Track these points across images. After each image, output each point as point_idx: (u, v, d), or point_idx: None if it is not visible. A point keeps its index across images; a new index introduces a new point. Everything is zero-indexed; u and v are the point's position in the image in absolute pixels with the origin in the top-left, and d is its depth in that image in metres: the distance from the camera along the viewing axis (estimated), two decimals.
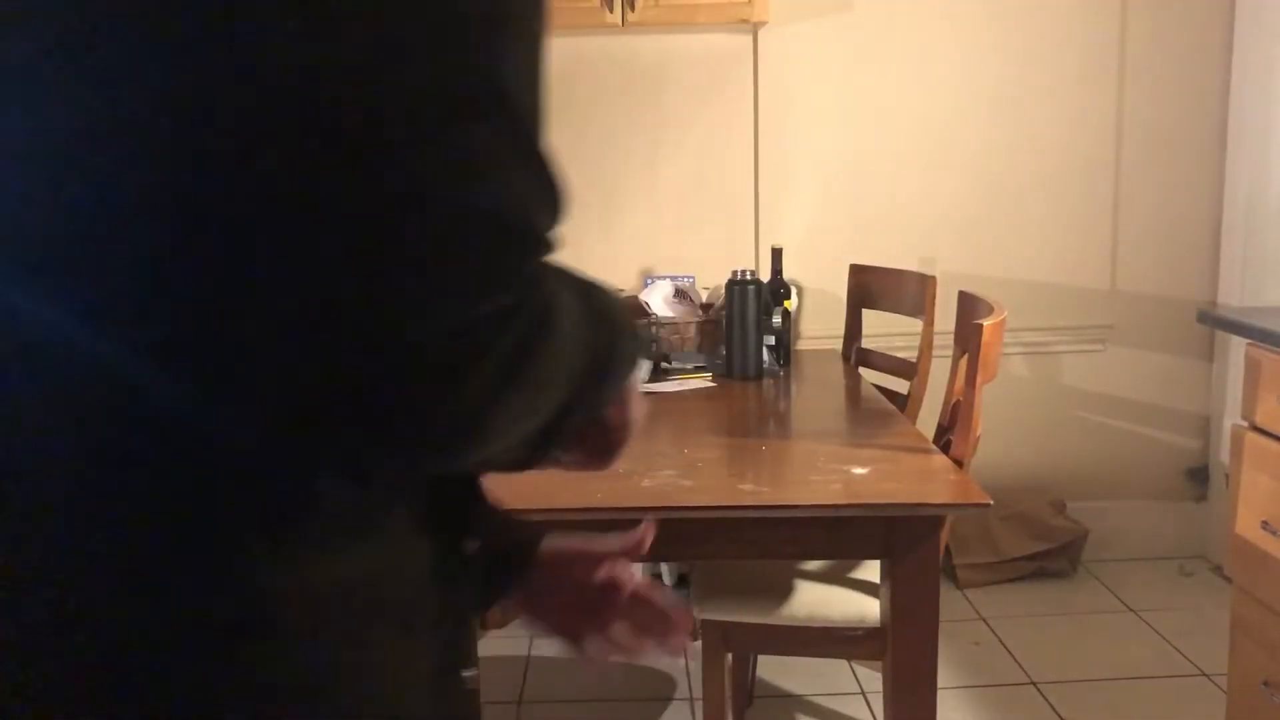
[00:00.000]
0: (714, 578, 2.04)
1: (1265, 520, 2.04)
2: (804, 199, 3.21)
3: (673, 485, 1.70)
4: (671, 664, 2.76)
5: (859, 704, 2.55)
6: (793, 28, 3.13)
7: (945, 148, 3.19)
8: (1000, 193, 3.20)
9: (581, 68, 3.14)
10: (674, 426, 2.12)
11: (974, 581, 3.17)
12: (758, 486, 1.76)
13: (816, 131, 3.18)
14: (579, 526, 1.67)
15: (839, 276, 2.96)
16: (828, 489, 1.68)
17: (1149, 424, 3.30)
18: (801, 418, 2.31)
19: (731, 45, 3.15)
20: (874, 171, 3.20)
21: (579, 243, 3.19)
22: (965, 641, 2.84)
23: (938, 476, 1.74)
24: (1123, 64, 3.14)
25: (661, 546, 1.83)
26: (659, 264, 3.20)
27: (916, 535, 1.65)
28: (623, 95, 3.16)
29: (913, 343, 2.58)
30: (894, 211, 3.20)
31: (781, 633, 1.96)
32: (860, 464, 1.79)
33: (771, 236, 3.17)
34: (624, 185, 3.19)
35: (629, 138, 3.18)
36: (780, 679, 2.66)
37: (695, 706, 2.53)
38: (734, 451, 1.97)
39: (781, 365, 2.68)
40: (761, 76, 3.15)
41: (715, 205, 3.20)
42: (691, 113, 3.17)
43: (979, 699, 2.54)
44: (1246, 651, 2.13)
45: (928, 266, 3.15)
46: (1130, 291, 3.24)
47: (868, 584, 2.00)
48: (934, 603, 1.68)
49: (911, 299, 2.60)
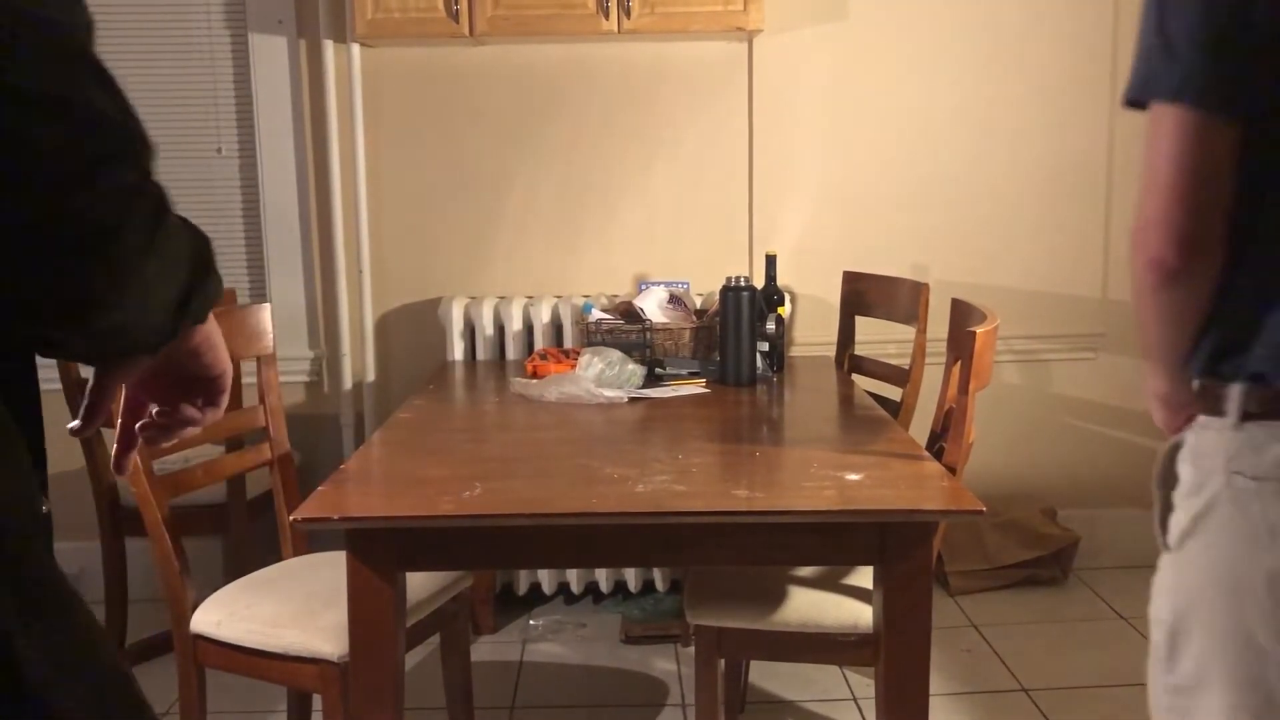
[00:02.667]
0: (707, 583, 2.04)
1: None
2: (798, 206, 3.22)
3: (666, 490, 1.70)
4: (664, 670, 2.76)
5: (851, 710, 2.55)
6: (787, 36, 3.15)
7: (939, 155, 3.20)
8: (993, 201, 3.22)
9: (577, 74, 3.15)
10: (668, 432, 2.13)
11: (966, 588, 3.18)
12: (751, 492, 1.77)
13: (810, 139, 3.20)
14: (574, 532, 1.68)
15: (832, 283, 2.98)
16: (821, 495, 1.69)
17: (1141, 432, 3.31)
18: (795, 424, 2.32)
19: (726, 53, 3.16)
20: (868, 179, 3.21)
21: (575, 248, 3.20)
22: (957, 648, 2.85)
23: (930, 483, 1.75)
24: (1115, 73, 3.16)
25: (655, 552, 1.84)
26: (653, 270, 3.21)
27: (909, 541, 1.66)
28: (618, 102, 3.17)
29: (905, 350, 2.59)
30: (887, 219, 3.22)
31: (774, 638, 1.97)
32: (853, 470, 1.80)
33: (765, 243, 3.18)
34: (619, 191, 3.20)
35: (624, 144, 3.19)
36: (772, 685, 2.66)
37: (688, 712, 2.53)
38: (727, 457, 1.98)
39: (775, 371, 2.68)
40: (756, 84, 3.17)
41: (710, 212, 3.22)
42: (686, 120, 3.18)
43: (970, 705, 2.55)
44: None
45: (921, 274, 3.16)
46: (1122, 300, 3.26)
47: (860, 590, 2.01)
48: (926, 609, 1.68)
49: (904, 306, 2.61)
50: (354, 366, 3.22)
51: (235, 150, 3.19)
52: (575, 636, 2.97)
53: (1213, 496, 1.10)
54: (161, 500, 1.95)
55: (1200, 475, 1.12)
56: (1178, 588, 1.16)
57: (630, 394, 2.40)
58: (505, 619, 3.07)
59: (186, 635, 1.97)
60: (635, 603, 3.11)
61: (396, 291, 3.24)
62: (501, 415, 2.34)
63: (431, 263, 3.21)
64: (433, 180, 3.19)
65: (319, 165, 3.16)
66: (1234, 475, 1.07)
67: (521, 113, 3.17)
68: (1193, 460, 1.14)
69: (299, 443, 3.13)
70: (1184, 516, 1.14)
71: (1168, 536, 1.17)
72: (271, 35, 3.12)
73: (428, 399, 2.47)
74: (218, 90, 3.15)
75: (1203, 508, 1.11)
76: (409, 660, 2.10)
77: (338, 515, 1.61)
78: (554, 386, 2.38)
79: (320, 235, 3.19)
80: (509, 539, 1.69)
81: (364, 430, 3.21)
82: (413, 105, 3.16)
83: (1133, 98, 1.11)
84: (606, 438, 2.10)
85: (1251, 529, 1.07)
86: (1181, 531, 1.14)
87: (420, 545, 1.69)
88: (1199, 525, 1.12)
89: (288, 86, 3.13)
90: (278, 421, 2.27)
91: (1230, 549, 1.09)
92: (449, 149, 3.18)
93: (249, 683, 2.06)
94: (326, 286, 3.20)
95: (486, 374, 2.82)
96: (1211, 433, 1.11)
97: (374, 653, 1.69)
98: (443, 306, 3.05)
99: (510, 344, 3.02)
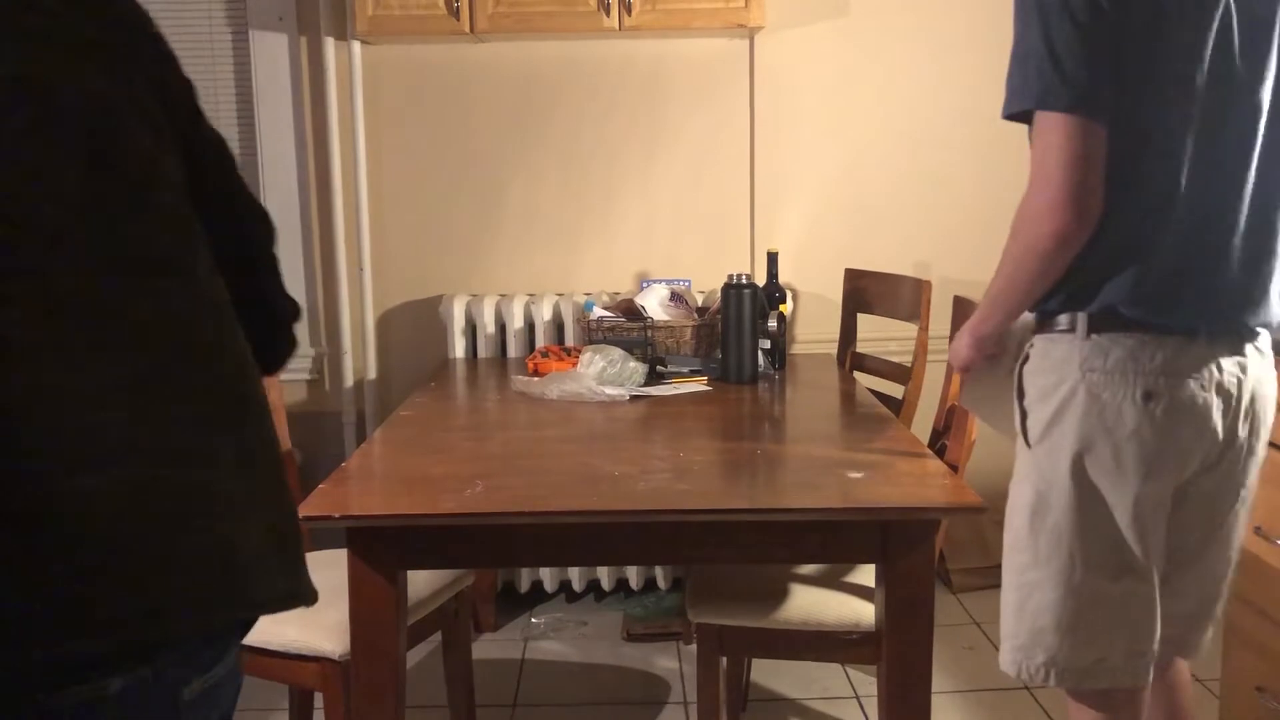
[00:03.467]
0: (709, 581, 2.04)
1: (1259, 526, 2.04)
2: (799, 203, 3.21)
3: (668, 489, 1.70)
4: (666, 668, 2.76)
5: (853, 708, 2.55)
6: (789, 33, 3.14)
7: (941, 152, 3.19)
8: (996, 198, 3.20)
9: (578, 72, 3.14)
10: (669, 430, 2.12)
11: (968, 586, 3.17)
12: (753, 490, 1.76)
13: (812, 136, 3.19)
14: (575, 531, 1.68)
15: (834, 281, 2.97)
16: (822, 493, 1.69)
17: None
18: (796, 422, 2.32)
19: (728, 50, 3.15)
20: (870, 176, 3.20)
21: (576, 246, 3.19)
22: (959, 645, 2.85)
23: (932, 481, 1.74)
24: None
25: (656, 550, 1.84)
26: (655, 268, 3.21)
27: (911, 539, 1.66)
28: (619, 99, 3.16)
29: (908, 347, 2.59)
30: (889, 216, 3.21)
31: (776, 636, 1.96)
32: (855, 468, 1.79)
33: (767, 241, 3.17)
34: (620, 189, 3.20)
35: (625, 142, 3.18)
36: (774, 683, 2.66)
37: (690, 710, 2.53)
38: (729, 455, 1.98)
39: (776, 369, 2.68)
40: (758, 81, 3.16)
41: (711, 209, 3.21)
42: (688, 117, 3.18)
43: (973, 703, 2.54)
44: (1240, 657, 2.13)
45: (923, 271, 3.16)
46: None
47: (862, 588, 2.00)
48: (928, 607, 1.68)
49: (907, 303, 2.61)
50: (355, 364, 3.21)
51: (236, 147, 3.19)
52: (577, 634, 2.97)
53: (1070, 390, 1.45)
54: None
55: (1056, 378, 1.47)
56: (1041, 471, 1.48)
57: (632, 392, 2.40)
58: (507, 617, 3.07)
59: None
60: (637, 600, 3.11)
61: (398, 289, 3.23)
62: (503, 413, 2.34)
63: (433, 260, 3.21)
64: (433, 177, 3.19)
65: (319, 162, 3.16)
66: (1088, 372, 1.44)
67: (522, 110, 3.16)
68: (1044, 370, 1.48)
69: (300, 441, 3.13)
70: (1046, 411, 1.47)
71: (1029, 436, 1.50)
72: (272, 32, 3.11)
73: (429, 397, 2.47)
74: (218, 87, 3.15)
75: (1062, 401, 1.46)
76: (411, 658, 2.10)
77: (338, 514, 1.61)
78: (555, 384, 2.38)
79: (321, 233, 3.19)
80: (510, 537, 1.69)
81: (365, 428, 3.21)
82: (413, 103, 3.16)
83: (1026, 108, 1.40)
84: (608, 436, 2.10)
85: (1101, 409, 1.43)
86: (1044, 424, 1.48)
87: (421, 544, 1.68)
88: (1061, 414, 1.46)
89: (288, 83, 3.13)
90: (279, 419, 2.26)
91: (1086, 425, 1.44)
92: (450, 146, 3.18)
93: (250, 680, 2.05)
94: (328, 284, 3.19)
95: (488, 372, 2.81)
96: (1063, 345, 1.46)
97: (375, 651, 1.69)
98: (444, 304, 3.05)
99: (511, 342, 3.02)
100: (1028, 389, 1.51)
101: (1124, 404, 1.42)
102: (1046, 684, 1.52)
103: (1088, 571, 1.46)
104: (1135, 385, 1.42)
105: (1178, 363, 1.42)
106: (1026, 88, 1.39)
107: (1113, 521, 1.45)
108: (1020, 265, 1.44)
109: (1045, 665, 1.50)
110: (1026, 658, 1.51)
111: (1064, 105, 1.36)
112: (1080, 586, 1.47)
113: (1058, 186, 1.37)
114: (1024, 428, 1.51)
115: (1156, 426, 1.42)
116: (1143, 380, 1.41)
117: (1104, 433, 1.43)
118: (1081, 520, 1.46)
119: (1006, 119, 1.45)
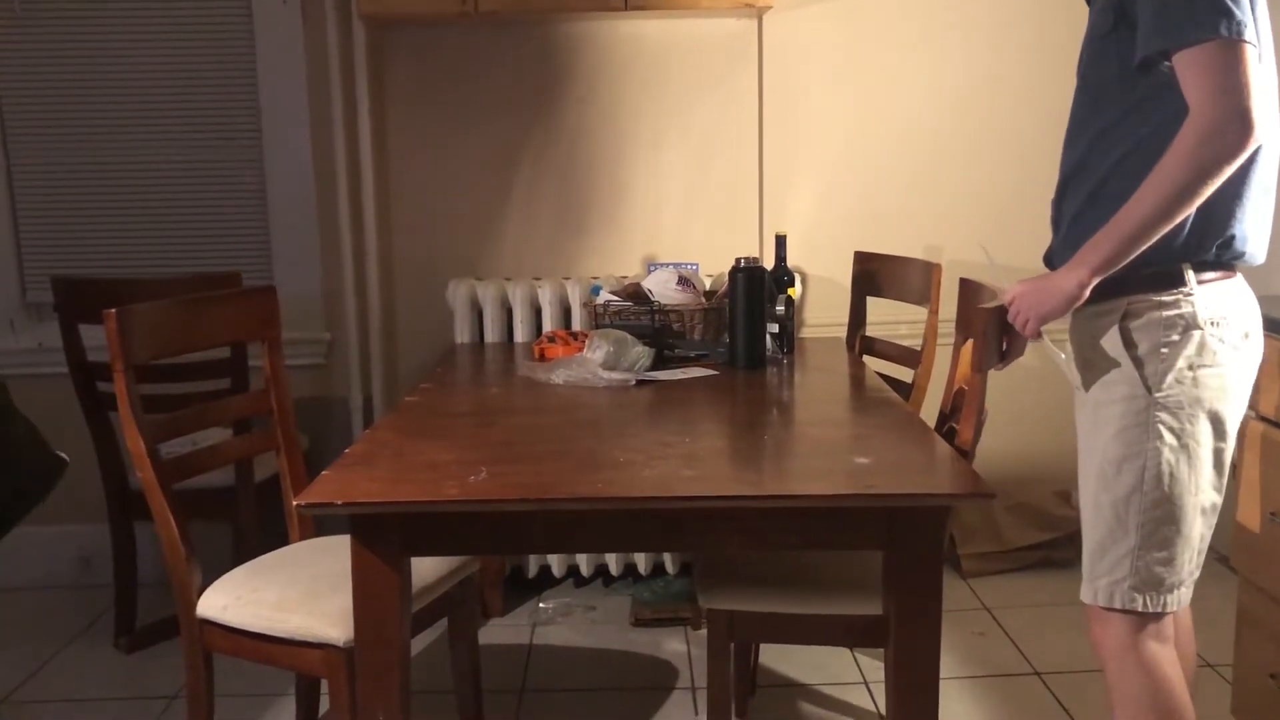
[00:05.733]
0: (718, 567, 2.03)
1: (1273, 511, 2.02)
2: (808, 186, 3.18)
3: (675, 475, 1.68)
4: (675, 653, 2.75)
5: (861, 693, 2.54)
6: (798, 12, 3.10)
7: (951, 134, 3.16)
8: (1006, 180, 3.17)
9: (584, 52, 3.11)
10: (676, 415, 2.11)
11: (978, 571, 3.16)
12: (760, 476, 1.75)
13: (821, 118, 3.16)
14: (581, 517, 1.67)
15: (843, 264, 2.94)
16: (831, 479, 1.67)
17: None
18: (804, 406, 2.30)
19: (736, 30, 3.12)
20: (879, 158, 3.17)
21: (583, 229, 3.17)
22: (969, 631, 2.83)
23: (941, 467, 1.72)
24: None
25: (662, 536, 1.82)
26: (662, 251, 3.18)
27: (919, 526, 1.64)
28: (626, 80, 3.13)
29: (917, 330, 2.56)
30: (899, 198, 3.18)
31: (785, 621, 1.95)
32: (864, 453, 1.78)
33: (775, 223, 3.14)
34: (627, 171, 3.17)
35: (632, 123, 3.15)
36: (783, 668, 2.65)
37: (698, 695, 2.52)
38: (736, 440, 1.96)
39: (785, 353, 2.66)
40: (766, 61, 3.13)
41: (719, 192, 3.18)
42: (695, 98, 3.15)
43: (982, 689, 2.53)
44: (1253, 643, 2.11)
45: (933, 254, 3.13)
46: None
47: (871, 573, 1.99)
48: (937, 592, 1.66)
49: (916, 287, 2.58)
50: (361, 349, 3.20)
51: (242, 131, 3.17)
52: (585, 619, 2.97)
53: (1201, 337, 1.62)
54: (167, 485, 1.94)
55: (1178, 329, 1.63)
56: (1197, 403, 1.63)
57: (638, 377, 2.38)
58: (514, 602, 3.06)
59: (193, 620, 1.97)
60: (645, 585, 3.10)
61: (404, 274, 3.22)
62: (508, 398, 2.32)
63: (439, 245, 3.19)
64: (438, 161, 3.17)
65: (324, 145, 3.14)
66: (1207, 321, 1.62)
67: (528, 92, 3.14)
68: (1156, 325, 1.64)
69: (307, 426, 3.12)
70: (1175, 357, 1.63)
71: (1157, 381, 1.64)
72: (276, 14, 3.09)
73: (435, 382, 2.46)
74: (223, 68, 3.13)
75: (1198, 346, 1.62)
76: (418, 643, 2.10)
77: (341, 500, 1.60)
78: (561, 369, 2.36)
79: (326, 217, 3.17)
80: (515, 524, 1.67)
81: (372, 413, 3.20)
82: (418, 84, 3.13)
83: (1191, 39, 1.51)
84: (614, 421, 2.08)
85: (1226, 349, 1.64)
86: (1180, 369, 1.63)
87: (425, 530, 1.67)
88: (1201, 357, 1.62)
89: (292, 65, 3.11)
90: (285, 405, 2.25)
91: (1225, 364, 1.63)
92: (455, 129, 3.15)
93: (257, 667, 2.06)
94: (334, 269, 3.18)
95: (494, 356, 2.80)
96: (1179, 298, 1.63)
97: (379, 637, 1.68)
98: (450, 289, 3.03)
99: (518, 326, 3.00)
100: (1138, 338, 1.65)
101: (1237, 342, 1.64)
102: (1153, 608, 1.68)
103: (1209, 502, 1.67)
104: (1237, 326, 1.65)
105: (1252, 301, 1.69)
106: (1186, 20, 1.51)
107: (1225, 452, 1.67)
108: (1188, 184, 1.53)
109: (1164, 590, 1.68)
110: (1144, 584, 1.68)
111: (1236, 31, 1.50)
112: (1208, 513, 1.68)
113: (1246, 96, 1.49)
114: (1142, 377, 1.65)
115: (1252, 362, 1.68)
116: (1240, 322, 1.65)
117: (1236, 367, 1.64)
118: (1211, 457, 1.66)
119: (1154, 57, 1.58)
